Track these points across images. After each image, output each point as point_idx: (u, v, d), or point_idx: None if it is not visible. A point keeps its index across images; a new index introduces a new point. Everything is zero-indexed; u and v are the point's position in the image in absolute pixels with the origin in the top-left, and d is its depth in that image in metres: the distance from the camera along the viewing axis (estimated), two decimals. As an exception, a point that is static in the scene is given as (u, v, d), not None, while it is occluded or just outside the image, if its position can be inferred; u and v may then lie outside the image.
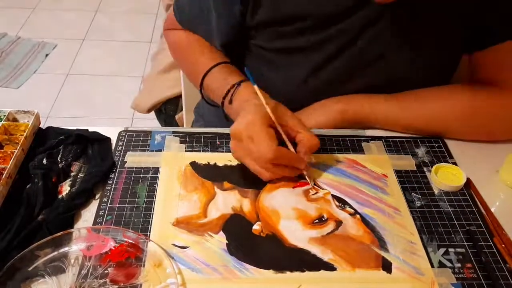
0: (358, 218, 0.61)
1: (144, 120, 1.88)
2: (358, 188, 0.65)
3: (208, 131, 0.73)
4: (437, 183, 0.66)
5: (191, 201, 0.61)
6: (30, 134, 0.67)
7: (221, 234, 0.58)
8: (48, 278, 0.51)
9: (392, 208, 0.62)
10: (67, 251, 0.54)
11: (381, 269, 0.55)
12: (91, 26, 2.57)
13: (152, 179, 0.64)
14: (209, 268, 0.54)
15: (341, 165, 0.68)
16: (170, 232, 0.58)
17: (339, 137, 0.73)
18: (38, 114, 0.71)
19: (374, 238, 0.58)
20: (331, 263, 0.55)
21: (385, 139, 0.73)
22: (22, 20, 2.58)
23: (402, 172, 0.68)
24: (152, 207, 0.61)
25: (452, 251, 0.57)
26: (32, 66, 2.24)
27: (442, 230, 0.60)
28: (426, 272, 0.55)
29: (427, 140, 0.74)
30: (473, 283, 0.54)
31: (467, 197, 0.65)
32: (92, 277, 0.52)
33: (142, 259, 0.54)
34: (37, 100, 2.03)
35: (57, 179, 0.63)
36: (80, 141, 0.68)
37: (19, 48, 2.34)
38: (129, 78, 2.21)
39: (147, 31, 2.54)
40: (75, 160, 0.66)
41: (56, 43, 2.40)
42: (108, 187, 0.63)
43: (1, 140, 0.66)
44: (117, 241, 0.55)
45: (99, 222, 0.58)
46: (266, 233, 0.58)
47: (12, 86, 2.11)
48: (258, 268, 0.54)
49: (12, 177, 0.61)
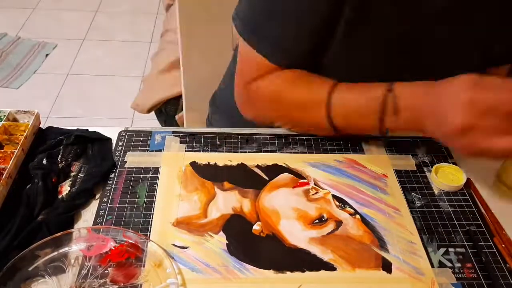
0: (358, 218, 0.61)
1: (144, 120, 1.88)
2: (358, 188, 0.65)
3: (208, 131, 0.73)
4: (437, 183, 0.66)
5: (191, 201, 0.61)
6: (30, 134, 0.67)
7: (221, 234, 0.58)
8: (48, 278, 0.51)
9: (392, 208, 0.63)
10: (67, 251, 0.54)
11: (381, 269, 0.55)
12: (91, 26, 2.57)
13: (152, 179, 0.64)
14: (209, 268, 0.54)
15: (341, 165, 0.68)
16: (170, 232, 0.58)
17: (339, 137, 0.73)
18: (38, 114, 0.71)
19: (374, 238, 0.58)
20: (331, 263, 0.55)
21: (385, 139, 0.73)
22: (22, 20, 2.58)
23: (402, 172, 0.68)
24: (152, 207, 0.61)
25: (452, 251, 0.57)
26: (32, 66, 2.24)
27: (442, 230, 0.60)
28: (426, 272, 0.55)
29: (427, 140, 0.74)
30: (473, 283, 0.54)
31: (467, 197, 0.65)
32: (92, 277, 0.52)
33: (142, 259, 0.54)
34: (37, 100, 2.03)
35: (57, 179, 0.63)
36: (80, 141, 0.68)
37: (19, 48, 2.34)
38: (129, 78, 2.21)
39: (147, 31, 2.54)
40: (75, 160, 0.66)
41: (56, 43, 2.40)
42: (108, 187, 0.63)
43: (1, 140, 0.66)
44: (117, 241, 0.55)
45: (99, 222, 0.58)
46: (266, 233, 0.58)
47: (12, 86, 2.11)
48: (258, 268, 0.54)
49: (12, 177, 0.61)
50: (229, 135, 0.72)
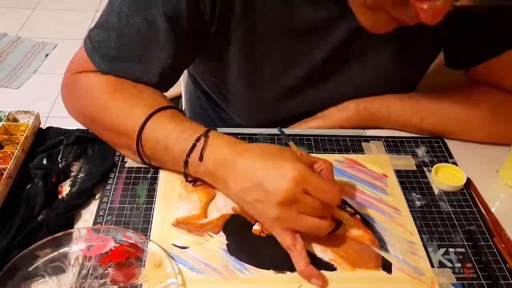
0: (358, 218, 0.61)
1: (144, 120, 1.88)
2: (358, 188, 0.65)
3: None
4: (437, 183, 0.66)
5: (191, 201, 0.61)
6: (30, 134, 0.67)
7: (221, 234, 0.58)
8: (48, 278, 0.51)
9: (392, 208, 0.62)
10: (67, 251, 0.54)
11: (381, 269, 0.55)
12: (91, 26, 2.57)
13: (152, 179, 0.64)
14: (209, 268, 0.54)
15: (341, 165, 0.68)
16: (170, 232, 0.58)
17: (339, 137, 0.73)
18: (38, 114, 0.71)
19: (374, 238, 0.58)
20: (331, 263, 0.55)
21: (385, 139, 0.73)
22: (22, 20, 2.58)
23: (402, 172, 0.68)
24: (152, 207, 0.61)
25: (452, 251, 0.57)
26: (32, 66, 2.24)
27: (442, 230, 0.60)
28: (426, 272, 0.55)
29: (427, 140, 0.74)
30: (473, 283, 0.54)
31: (467, 197, 0.65)
32: (92, 277, 0.52)
33: (142, 259, 0.54)
34: (37, 100, 2.03)
35: (57, 179, 0.63)
36: (80, 141, 0.68)
37: (19, 48, 2.34)
38: (129, 78, 2.21)
39: (147, 31, 2.54)
40: (75, 160, 0.66)
41: (56, 43, 2.40)
42: (108, 187, 0.63)
43: (1, 140, 0.66)
44: (117, 241, 0.55)
45: (99, 222, 0.58)
46: (266, 233, 0.58)
47: (12, 86, 2.11)
48: (258, 268, 0.54)
49: (12, 177, 0.61)
50: (229, 135, 0.72)
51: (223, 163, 0.56)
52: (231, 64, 0.70)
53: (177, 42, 0.63)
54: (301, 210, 0.52)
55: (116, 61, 0.64)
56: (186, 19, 0.62)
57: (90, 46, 0.66)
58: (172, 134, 0.59)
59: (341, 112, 0.76)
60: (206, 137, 0.58)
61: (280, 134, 0.62)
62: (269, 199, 0.52)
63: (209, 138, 0.58)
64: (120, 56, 0.64)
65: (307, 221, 0.52)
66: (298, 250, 0.53)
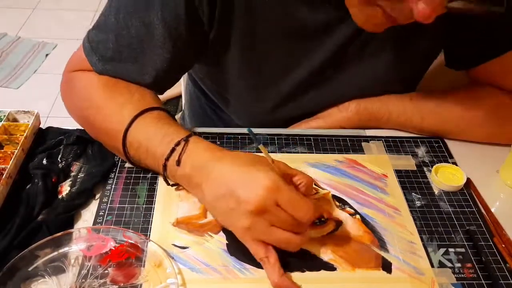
0: (358, 218, 0.61)
1: (144, 120, 1.88)
2: (358, 188, 0.65)
3: (208, 131, 0.73)
4: (437, 183, 0.66)
5: (191, 201, 0.61)
6: (30, 134, 0.67)
7: (221, 234, 0.58)
8: (48, 278, 0.51)
9: (392, 208, 0.62)
10: (67, 251, 0.54)
11: (381, 269, 0.55)
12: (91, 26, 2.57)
13: (152, 179, 0.64)
14: (209, 268, 0.54)
15: (341, 165, 0.68)
16: (170, 232, 0.58)
17: (339, 137, 0.73)
18: (38, 114, 0.71)
19: (374, 238, 0.58)
20: (331, 263, 0.55)
21: (385, 139, 0.73)
22: (22, 20, 2.58)
23: (402, 172, 0.68)
24: (152, 207, 0.61)
25: (452, 251, 0.57)
26: (32, 66, 2.24)
27: (442, 230, 0.60)
28: (426, 272, 0.55)
29: (427, 140, 0.74)
30: (473, 283, 0.54)
31: (467, 197, 0.65)
32: (92, 277, 0.52)
33: (142, 259, 0.54)
34: (37, 100, 2.02)
35: (57, 179, 0.63)
36: (80, 141, 0.68)
37: (19, 48, 2.34)
38: (129, 78, 2.21)
39: (147, 31, 2.54)
40: (75, 160, 0.66)
41: (56, 43, 2.40)
42: (108, 187, 0.63)
43: (1, 140, 0.66)
44: (117, 241, 0.55)
45: (99, 222, 0.58)
46: (266, 233, 0.58)
47: (12, 86, 2.11)
48: (258, 268, 0.54)
49: (12, 177, 0.61)
50: (229, 135, 0.72)
51: (199, 168, 0.56)
52: (231, 68, 0.71)
53: (173, 46, 0.63)
54: (272, 222, 0.50)
55: (113, 61, 0.65)
56: (184, 24, 0.62)
57: (88, 46, 0.66)
58: (154, 137, 0.59)
59: (341, 112, 0.76)
60: (186, 142, 0.57)
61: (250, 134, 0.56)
62: (240, 207, 0.50)
63: (188, 143, 0.58)
64: (117, 57, 0.65)
65: (277, 235, 0.51)
66: (271, 262, 0.51)
